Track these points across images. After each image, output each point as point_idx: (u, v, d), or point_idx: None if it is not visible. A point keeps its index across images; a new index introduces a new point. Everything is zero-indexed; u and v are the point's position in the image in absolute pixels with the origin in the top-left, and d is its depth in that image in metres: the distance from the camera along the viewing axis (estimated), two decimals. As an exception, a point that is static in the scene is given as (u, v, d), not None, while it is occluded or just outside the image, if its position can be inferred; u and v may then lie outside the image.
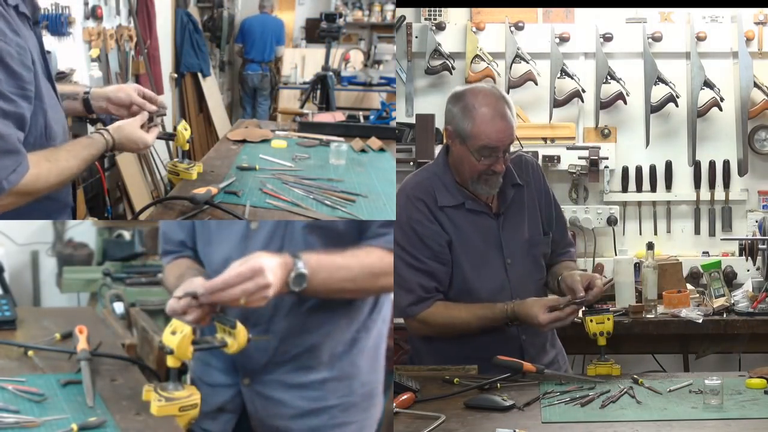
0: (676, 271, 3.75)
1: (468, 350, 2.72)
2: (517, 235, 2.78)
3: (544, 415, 2.21)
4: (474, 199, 2.75)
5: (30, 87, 2.03)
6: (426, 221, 2.72)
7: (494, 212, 2.77)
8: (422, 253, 2.72)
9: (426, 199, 2.74)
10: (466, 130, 2.64)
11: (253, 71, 8.74)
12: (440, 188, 2.75)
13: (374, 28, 9.83)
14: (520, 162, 2.85)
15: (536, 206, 2.84)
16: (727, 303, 3.56)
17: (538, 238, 2.82)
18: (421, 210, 2.73)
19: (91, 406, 1.95)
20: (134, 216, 5.02)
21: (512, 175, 2.78)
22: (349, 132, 3.87)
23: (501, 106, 2.64)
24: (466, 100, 2.66)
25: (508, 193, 2.78)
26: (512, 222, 2.78)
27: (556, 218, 2.90)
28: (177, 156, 3.48)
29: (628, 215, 4.28)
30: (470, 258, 2.74)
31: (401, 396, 2.30)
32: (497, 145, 2.62)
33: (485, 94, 2.66)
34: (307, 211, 2.55)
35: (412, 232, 2.72)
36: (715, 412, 2.20)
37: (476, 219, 2.75)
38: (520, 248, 2.78)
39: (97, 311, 3.43)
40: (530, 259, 2.80)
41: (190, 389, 1.97)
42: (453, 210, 2.74)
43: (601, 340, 2.60)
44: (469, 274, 2.74)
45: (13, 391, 2.00)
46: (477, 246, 2.74)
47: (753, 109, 4.19)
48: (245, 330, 1.97)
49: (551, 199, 2.89)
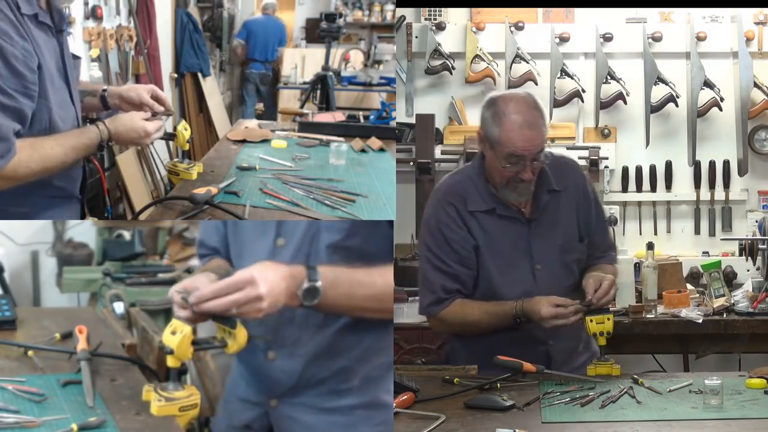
0: (676, 271, 3.75)
1: (493, 353, 2.67)
2: (550, 241, 2.74)
3: (544, 415, 2.21)
4: (505, 205, 2.72)
5: (33, 87, 2.17)
6: (454, 226, 2.72)
7: (526, 218, 2.74)
8: (448, 257, 2.72)
9: (457, 203, 2.73)
10: (494, 136, 2.62)
11: (256, 70, 8.88)
12: (472, 192, 2.73)
13: (374, 28, 9.83)
14: (560, 166, 2.80)
15: (573, 211, 2.79)
16: (727, 303, 3.56)
17: (571, 245, 2.77)
18: (450, 214, 2.72)
19: (91, 406, 1.95)
20: (134, 216, 5.02)
21: (549, 180, 2.74)
22: (349, 132, 3.87)
23: (531, 115, 2.61)
24: (497, 106, 2.64)
25: (542, 199, 2.74)
26: (545, 228, 2.75)
27: (596, 221, 2.85)
28: (177, 156, 3.48)
29: (628, 215, 4.28)
30: (498, 263, 2.72)
31: (401, 396, 2.30)
32: (523, 153, 2.60)
33: (517, 101, 2.63)
34: (307, 211, 2.55)
35: (440, 234, 2.73)
36: (715, 412, 2.20)
37: (507, 225, 2.73)
38: (551, 254, 2.74)
39: (97, 311, 3.42)
40: (561, 265, 2.76)
41: (190, 389, 1.97)
42: (483, 215, 2.72)
43: (601, 340, 2.60)
44: (496, 279, 2.72)
45: (13, 391, 2.00)
46: (506, 251, 2.72)
47: (753, 109, 4.19)
48: (245, 330, 1.97)
49: (591, 202, 2.83)
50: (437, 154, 4.26)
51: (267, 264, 1.91)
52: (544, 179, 2.73)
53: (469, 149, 4.22)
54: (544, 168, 2.71)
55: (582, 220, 2.80)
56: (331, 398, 2.11)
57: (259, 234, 2.15)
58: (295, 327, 2.07)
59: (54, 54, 2.32)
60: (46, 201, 2.38)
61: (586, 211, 2.81)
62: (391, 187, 2.98)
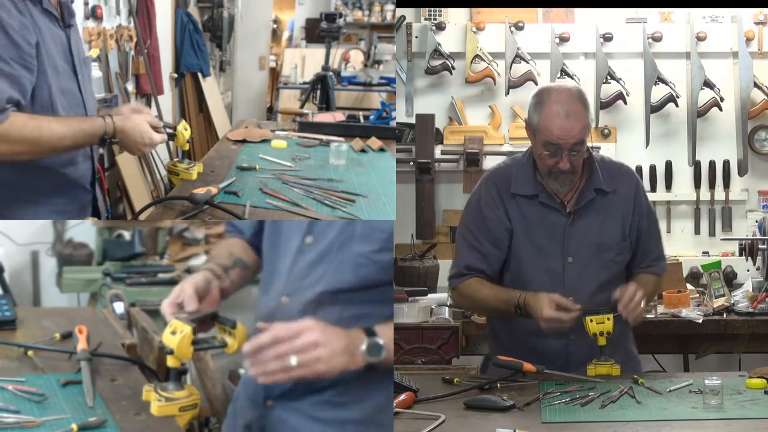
0: (676, 271, 3.75)
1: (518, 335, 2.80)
2: (587, 237, 2.76)
3: (544, 415, 2.21)
4: (549, 194, 2.76)
5: (30, 59, 2.20)
6: (493, 205, 2.78)
7: (568, 210, 2.77)
8: (483, 235, 2.78)
9: (500, 184, 2.79)
10: (535, 124, 2.69)
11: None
12: (519, 177, 2.78)
13: (374, 28, 9.82)
14: (615, 169, 2.84)
15: (620, 214, 2.80)
16: (727, 303, 3.56)
17: (611, 243, 2.78)
18: (491, 194, 2.79)
19: (91, 406, 1.96)
20: (134, 216, 5.02)
21: (598, 179, 2.77)
22: (349, 132, 3.87)
23: (573, 106, 2.65)
24: (542, 95, 2.71)
25: (586, 195, 2.77)
26: (584, 222, 2.77)
27: (648, 229, 2.86)
28: (177, 156, 3.49)
29: (628, 215, 4.27)
30: (531, 249, 2.76)
31: (401, 396, 2.30)
32: (558, 142, 2.64)
33: (560, 92, 2.69)
34: (307, 211, 2.56)
35: (478, 212, 2.80)
36: (715, 412, 2.20)
37: (547, 213, 2.76)
38: (586, 250, 2.76)
39: (97, 311, 3.42)
40: (597, 261, 2.76)
41: (190, 389, 1.97)
42: (525, 200, 2.76)
43: (601, 340, 2.60)
44: (526, 264, 2.77)
45: (13, 391, 2.00)
46: (541, 239, 2.76)
47: (753, 109, 4.19)
48: (245, 330, 1.97)
49: (643, 210, 2.85)
50: (437, 154, 4.26)
51: (326, 326, 1.85)
52: (593, 178, 2.77)
53: (469, 149, 4.22)
54: (595, 167, 2.76)
55: (629, 225, 2.81)
56: (326, 408, 2.05)
57: (293, 230, 2.13)
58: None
59: (60, 45, 2.34)
60: (53, 187, 2.40)
61: (636, 218, 2.82)
62: (391, 187, 2.98)
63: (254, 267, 2.27)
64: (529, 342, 2.74)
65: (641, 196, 2.86)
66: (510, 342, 2.84)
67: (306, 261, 2.05)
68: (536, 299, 2.63)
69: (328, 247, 2.03)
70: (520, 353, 2.60)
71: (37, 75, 2.24)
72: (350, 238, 2.01)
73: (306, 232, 2.08)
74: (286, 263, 2.09)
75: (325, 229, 2.06)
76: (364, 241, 2.00)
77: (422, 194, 4.27)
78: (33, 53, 2.20)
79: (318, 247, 2.05)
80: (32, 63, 2.21)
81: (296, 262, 2.06)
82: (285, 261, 2.09)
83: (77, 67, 2.43)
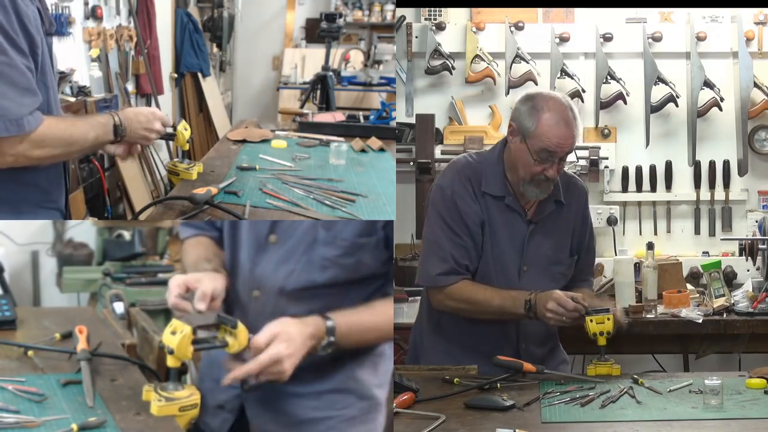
0: (676, 271, 3.75)
1: (466, 347, 2.77)
2: (542, 248, 2.79)
3: (544, 415, 2.21)
4: (515, 198, 2.77)
5: (38, 51, 2.15)
6: (468, 199, 2.75)
7: (528, 219, 2.78)
8: (460, 229, 2.75)
9: (473, 180, 2.77)
10: (530, 130, 2.67)
11: None
12: (488, 176, 2.77)
13: (374, 28, 9.81)
14: (568, 182, 2.87)
15: (570, 228, 2.85)
16: (727, 303, 3.56)
17: (561, 257, 2.83)
18: (466, 188, 2.76)
19: (91, 406, 1.96)
20: (134, 216, 5.02)
21: (558, 191, 2.80)
22: (349, 132, 3.87)
23: (567, 115, 2.67)
24: (535, 101, 2.70)
25: (547, 207, 2.80)
26: (541, 234, 2.79)
27: (587, 247, 2.91)
28: (177, 156, 3.49)
29: (628, 215, 4.28)
30: (493, 252, 2.76)
31: (401, 396, 2.30)
32: (556, 150, 2.65)
33: (555, 100, 2.70)
34: (307, 211, 2.56)
35: (453, 206, 2.76)
36: (715, 412, 2.20)
37: (510, 217, 2.77)
38: (540, 260, 2.79)
39: (97, 311, 3.42)
40: (547, 274, 2.79)
41: (190, 389, 1.97)
42: (493, 200, 2.76)
43: (601, 340, 2.60)
44: (490, 264, 2.77)
45: (13, 391, 2.00)
46: (502, 243, 2.77)
47: (753, 109, 4.19)
48: (246, 330, 1.97)
49: (588, 227, 2.91)
50: (437, 154, 4.25)
51: (290, 329, 1.99)
52: (555, 189, 2.77)
53: (469, 149, 4.21)
54: (557, 179, 2.75)
55: (575, 239, 2.87)
56: (300, 384, 2.15)
57: (253, 227, 2.18)
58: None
59: (46, 48, 2.27)
60: (32, 207, 2.29)
61: (581, 233, 2.88)
62: (391, 187, 2.98)
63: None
64: (479, 347, 2.76)
65: (587, 212, 2.92)
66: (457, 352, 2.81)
67: (272, 258, 2.13)
68: (544, 296, 2.64)
69: (293, 248, 2.12)
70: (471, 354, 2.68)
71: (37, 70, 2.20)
72: (314, 242, 2.10)
73: (269, 231, 2.14)
74: (247, 258, 2.17)
75: (288, 229, 2.13)
76: (327, 246, 2.09)
77: (422, 194, 4.26)
78: (39, 45, 2.16)
79: (283, 246, 2.12)
80: (38, 55, 2.16)
81: (260, 259, 2.14)
82: (245, 256, 2.17)
83: (54, 76, 2.37)
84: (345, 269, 2.10)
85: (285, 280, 2.11)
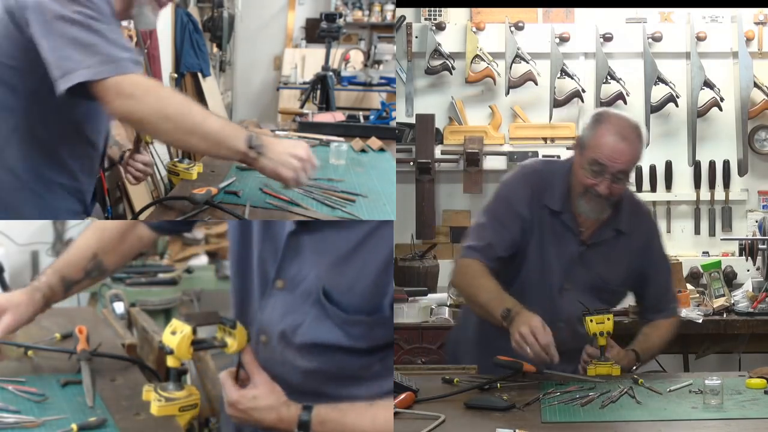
0: (676, 271, 3.75)
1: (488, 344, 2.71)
2: (590, 272, 2.73)
3: (544, 415, 2.21)
4: (573, 216, 2.71)
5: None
6: (523, 205, 2.70)
7: (581, 239, 2.72)
8: (506, 218, 2.71)
9: (535, 189, 2.72)
10: (586, 139, 2.64)
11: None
12: (553, 188, 2.71)
13: (374, 28, 9.80)
14: (635, 211, 2.79)
15: (627, 259, 2.76)
16: (727, 303, 3.56)
17: (609, 286, 2.77)
18: (524, 194, 2.71)
19: (91, 406, 1.96)
20: (134, 216, 5.01)
21: (620, 219, 2.73)
22: (349, 132, 3.87)
23: (628, 132, 2.62)
24: (600, 114, 2.67)
25: (605, 234, 2.73)
26: (592, 258, 2.73)
27: (657, 275, 2.83)
28: (177, 156, 3.48)
29: (628, 215, 4.27)
30: (538, 263, 2.72)
31: (401, 396, 2.30)
32: (607, 163, 2.59)
33: (620, 117, 2.66)
34: (307, 211, 2.56)
35: (507, 204, 2.73)
36: (715, 412, 2.20)
37: (563, 234, 2.71)
38: (585, 284, 2.73)
39: (97, 311, 3.42)
40: (590, 298, 2.70)
41: (190, 389, 1.97)
42: (550, 213, 2.71)
43: (601, 340, 2.60)
44: (528, 275, 2.72)
45: (13, 391, 2.00)
46: (549, 257, 2.72)
47: (753, 109, 4.19)
48: (245, 330, 1.97)
49: (652, 260, 2.81)
50: (437, 154, 4.26)
51: (263, 402, 1.90)
52: (617, 217, 2.72)
53: (469, 149, 4.22)
54: (622, 206, 2.71)
55: (633, 271, 2.78)
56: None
57: (260, 264, 1.98)
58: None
59: None
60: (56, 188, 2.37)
61: (642, 265, 2.79)
62: (391, 187, 2.98)
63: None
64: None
65: (654, 243, 2.82)
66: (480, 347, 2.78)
67: (278, 304, 1.95)
68: (526, 316, 2.51)
69: (301, 298, 1.92)
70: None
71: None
72: (321, 296, 1.89)
73: (275, 274, 1.94)
74: (256, 297, 2.00)
75: (296, 277, 1.92)
76: (336, 307, 1.89)
77: (422, 194, 4.27)
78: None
79: (290, 294, 1.93)
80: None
81: (266, 303, 1.97)
82: (255, 295, 2.00)
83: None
84: (352, 336, 1.90)
85: (292, 333, 1.93)
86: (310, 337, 1.91)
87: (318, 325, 1.90)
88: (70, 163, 2.39)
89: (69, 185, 2.41)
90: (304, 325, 1.91)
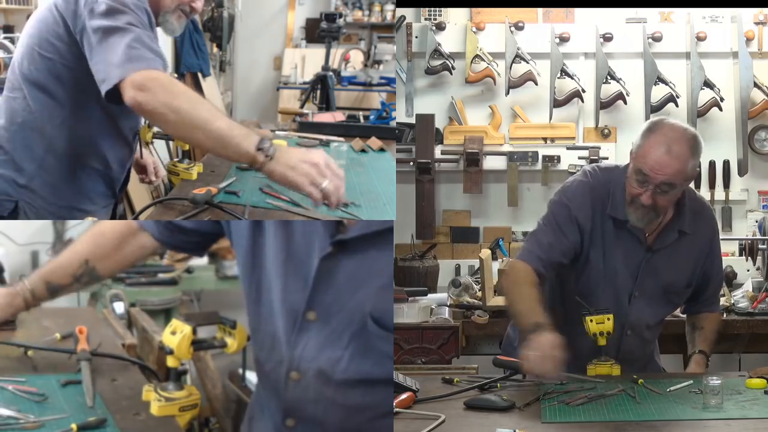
0: (676, 271, 3.75)
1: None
2: (658, 276, 2.71)
3: (544, 415, 2.21)
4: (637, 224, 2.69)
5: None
6: (583, 218, 2.66)
7: (648, 245, 2.69)
8: (564, 234, 2.66)
9: (594, 199, 2.67)
10: (635, 148, 2.61)
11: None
12: (616, 197, 2.67)
13: (374, 28, 9.80)
14: (697, 211, 2.76)
15: (692, 259, 2.74)
16: (727, 303, 3.56)
17: (677, 288, 2.76)
18: (583, 205, 2.67)
19: (91, 406, 1.96)
20: (134, 216, 5.01)
21: (683, 221, 2.70)
22: (349, 132, 3.86)
23: (680, 145, 2.54)
24: (654, 124, 2.62)
25: (668, 236, 2.70)
26: (659, 262, 2.70)
27: (714, 274, 2.83)
28: (177, 156, 3.48)
29: (628, 215, 4.27)
30: (604, 272, 2.69)
31: (401, 396, 2.30)
32: (649, 174, 2.53)
33: (672, 127, 2.58)
34: (307, 211, 2.55)
35: (566, 210, 2.67)
36: (715, 412, 2.20)
37: (629, 241, 2.68)
38: (654, 289, 2.71)
39: (97, 311, 3.42)
40: (659, 303, 2.72)
41: (190, 389, 1.97)
42: (615, 222, 2.67)
43: (601, 340, 2.60)
44: (596, 284, 2.69)
45: (13, 391, 2.00)
46: (616, 264, 2.69)
47: (753, 109, 4.19)
48: (245, 330, 1.97)
49: (714, 257, 2.80)
50: (437, 154, 4.26)
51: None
52: (679, 218, 2.69)
53: (469, 149, 4.22)
54: (684, 208, 2.68)
55: (698, 270, 2.77)
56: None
57: (284, 295, 1.85)
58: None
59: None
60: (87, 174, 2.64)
61: (706, 263, 2.78)
62: (391, 187, 2.98)
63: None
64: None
65: (715, 242, 2.80)
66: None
67: (313, 338, 1.81)
68: (543, 340, 2.42)
69: (339, 330, 1.79)
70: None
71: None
72: (363, 327, 1.77)
73: (306, 306, 1.80)
74: (282, 331, 1.85)
75: (330, 307, 1.78)
76: (380, 339, 1.78)
77: (422, 194, 4.27)
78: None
79: (326, 326, 1.80)
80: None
81: (300, 338, 1.82)
82: (280, 328, 1.85)
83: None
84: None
85: (331, 369, 1.79)
86: (354, 372, 1.77)
87: (361, 358, 1.78)
88: (105, 152, 2.67)
89: (103, 171, 2.70)
90: (344, 359, 1.77)
